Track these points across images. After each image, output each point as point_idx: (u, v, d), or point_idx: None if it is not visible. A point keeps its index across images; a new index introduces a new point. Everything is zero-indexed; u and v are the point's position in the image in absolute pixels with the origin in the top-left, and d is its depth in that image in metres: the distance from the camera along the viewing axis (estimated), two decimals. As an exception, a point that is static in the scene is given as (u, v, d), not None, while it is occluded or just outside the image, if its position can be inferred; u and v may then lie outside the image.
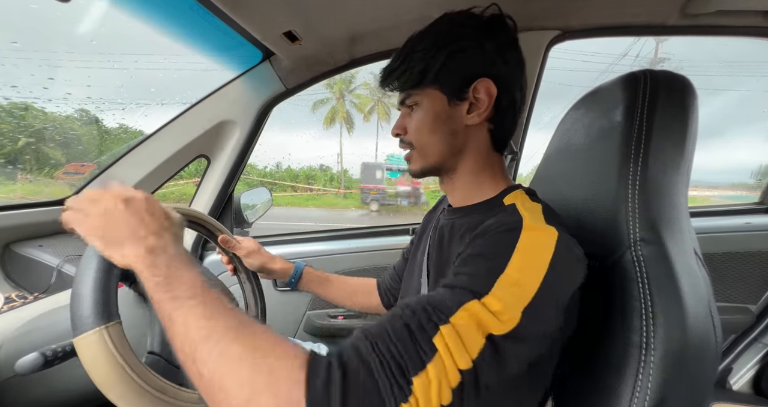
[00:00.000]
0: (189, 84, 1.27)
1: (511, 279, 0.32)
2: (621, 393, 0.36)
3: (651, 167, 0.41)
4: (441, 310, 0.31)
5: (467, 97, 0.46)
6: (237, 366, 0.27)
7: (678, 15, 0.81)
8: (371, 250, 1.08)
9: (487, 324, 0.30)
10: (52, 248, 0.76)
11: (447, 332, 0.29)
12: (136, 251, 0.35)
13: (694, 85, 0.44)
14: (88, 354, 0.32)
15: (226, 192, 1.03)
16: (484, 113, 0.46)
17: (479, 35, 0.45)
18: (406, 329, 0.30)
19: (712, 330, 0.36)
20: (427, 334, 0.29)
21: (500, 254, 0.34)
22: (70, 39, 1.06)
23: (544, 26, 0.86)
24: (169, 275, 0.34)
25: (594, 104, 0.52)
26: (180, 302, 0.32)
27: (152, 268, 0.34)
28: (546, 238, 0.35)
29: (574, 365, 0.42)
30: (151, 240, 0.36)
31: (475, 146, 0.49)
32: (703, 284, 0.38)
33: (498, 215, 0.42)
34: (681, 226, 0.41)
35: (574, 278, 0.36)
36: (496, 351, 0.29)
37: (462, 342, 0.29)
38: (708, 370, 0.37)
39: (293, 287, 0.75)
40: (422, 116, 0.48)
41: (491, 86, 0.45)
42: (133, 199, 0.39)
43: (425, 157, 0.50)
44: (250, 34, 0.74)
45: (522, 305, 0.31)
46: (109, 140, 1.46)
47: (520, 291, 0.32)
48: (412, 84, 0.47)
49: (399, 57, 0.49)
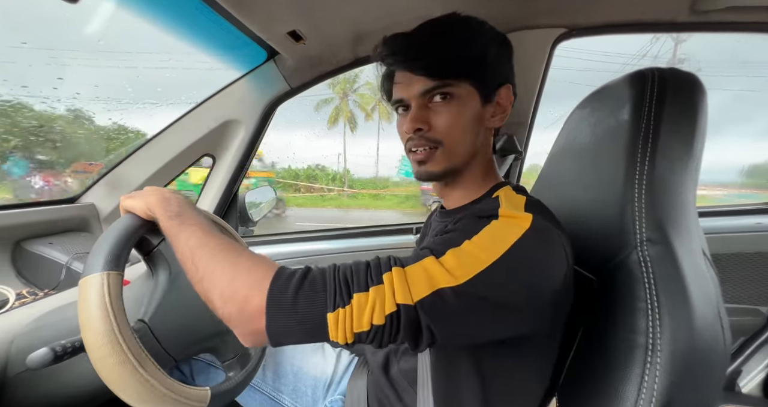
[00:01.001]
0: (195, 84, 1.28)
1: (472, 244, 0.36)
2: (626, 395, 0.35)
3: (658, 166, 0.40)
4: (401, 261, 0.36)
5: (493, 100, 0.47)
6: (223, 263, 0.36)
7: (688, 11, 0.80)
8: (375, 249, 1.09)
9: (439, 279, 0.34)
10: (62, 245, 0.78)
11: (396, 273, 0.34)
12: (155, 198, 0.44)
13: (702, 82, 0.43)
14: (83, 292, 0.37)
15: (231, 191, 1.03)
16: (505, 118, 0.48)
17: (502, 44, 0.48)
18: (366, 265, 0.36)
19: (720, 331, 0.36)
20: (380, 269, 0.35)
21: (469, 228, 0.38)
22: (77, 38, 1.08)
23: (549, 24, 0.85)
24: (180, 212, 0.43)
25: (600, 102, 0.52)
26: (185, 227, 0.41)
27: (166, 206, 0.43)
28: (518, 223, 0.37)
29: (579, 365, 0.42)
30: (168, 194, 0.46)
31: (485, 148, 0.50)
32: (711, 285, 0.38)
33: (481, 204, 0.45)
34: (689, 226, 0.40)
35: (546, 264, 0.36)
36: (443, 301, 0.33)
37: (408, 285, 0.33)
38: (716, 373, 0.36)
39: None
40: (458, 110, 0.44)
41: (510, 93, 0.48)
42: (156, 189, 0.49)
43: (452, 157, 0.46)
44: (255, 34, 0.75)
45: (477, 268, 0.34)
46: (117, 140, 1.48)
47: (478, 254, 0.35)
48: (447, 72, 0.43)
49: (420, 40, 0.44)
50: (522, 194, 0.45)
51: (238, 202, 1.08)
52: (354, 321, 0.32)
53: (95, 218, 0.92)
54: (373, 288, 0.33)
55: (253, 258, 0.37)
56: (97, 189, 0.93)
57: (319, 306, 0.33)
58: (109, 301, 0.36)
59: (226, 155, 0.99)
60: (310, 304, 0.33)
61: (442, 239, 0.38)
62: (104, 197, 0.93)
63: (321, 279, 0.34)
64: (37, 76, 1.15)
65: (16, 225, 0.77)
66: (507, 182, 0.51)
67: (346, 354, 0.77)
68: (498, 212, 0.39)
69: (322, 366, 0.73)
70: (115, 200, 0.93)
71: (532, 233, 0.36)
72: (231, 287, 0.34)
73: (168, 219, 0.42)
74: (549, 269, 0.36)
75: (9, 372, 0.47)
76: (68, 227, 0.86)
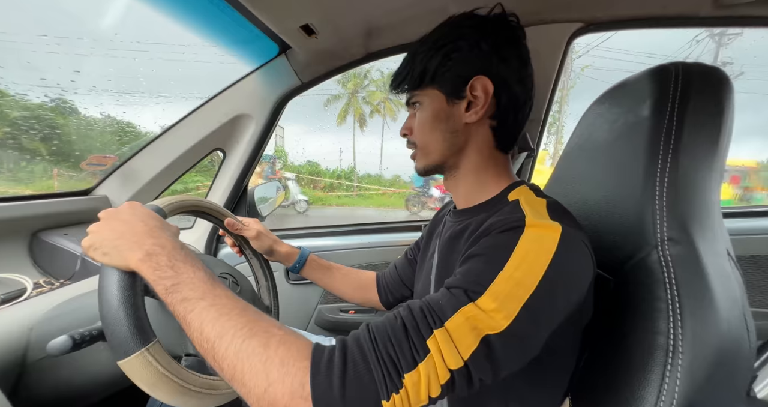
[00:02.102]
0: (207, 78, 1.28)
1: (507, 277, 0.33)
2: (645, 397, 0.34)
3: (682, 164, 0.39)
4: (437, 313, 0.33)
5: (465, 95, 0.46)
6: (251, 361, 0.31)
7: (711, 5, 0.77)
8: (383, 245, 1.09)
9: (482, 326, 0.32)
10: (77, 236, 0.79)
11: (440, 335, 0.31)
12: (134, 254, 0.36)
13: (729, 77, 0.42)
14: (135, 374, 0.34)
15: (241, 185, 1.04)
16: (482, 110, 0.46)
17: (476, 34, 0.46)
18: (404, 329, 0.32)
19: (746, 334, 0.35)
20: (422, 336, 0.32)
21: (499, 252, 0.35)
22: (93, 31, 1.08)
23: (566, 18, 0.83)
24: (175, 276, 0.35)
25: (620, 98, 0.50)
26: (192, 305, 0.34)
27: (156, 270, 0.35)
28: (549, 234, 0.35)
29: (595, 365, 0.41)
30: (147, 243, 0.37)
31: (477, 143, 0.49)
32: (736, 286, 0.37)
33: (501, 211, 0.43)
34: (713, 225, 0.39)
35: (578, 276, 0.36)
36: (491, 350, 0.32)
37: (454, 344, 0.31)
38: (740, 377, 0.35)
39: (296, 271, 0.76)
40: (423, 115, 0.50)
41: (488, 84, 0.45)
42: (115, 211, 0.42)
43: (427, 155, 0.51)
44: (267, 28, 0.75)
45: (518, 303, 0.32)
46: (132, 134, 1.50)
47: (516, 289, 0.33)
48: (414, 85, 0.49)
49: (405, 60, 0.51)
50: (541, 196, 0.45)
51: (248, 196, 1.09)
52: (411, 401, 0.30)
53: (109, 211, 0.93)
54: (422, 363, 0.31)
55: (282, 346, 0.31)
56: (110, 182, 0.95)
57: (371, 399, 0.30)
58: (164, 369, 0.35)
59: (237, 149, 1.00)
60: (360, 399, 0.30)
61: (472, 274, 0.35)
62: (117, 190, 0.95)
63: (363, 363, 0.31)
64: (52, 68, 1.17)
65: (34, 216, 0.78)
66: (522, 181, 0.50)
67: None
68: (525, 223, 0.37)
69: None
70: (128, 192, 0.95)
71: (564, 247, 0.34)
72: (268, 395, 0.30)
73: (166, 293, 0.34)
74: (581, 284, 0.36)
75: (29, 358, 0.48)
76: (83, 219, 0.88)
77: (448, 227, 0.54)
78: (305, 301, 1.08)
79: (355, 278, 0.79)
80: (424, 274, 0.60)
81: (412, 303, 0.35)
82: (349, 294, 0.78)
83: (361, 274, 0.80)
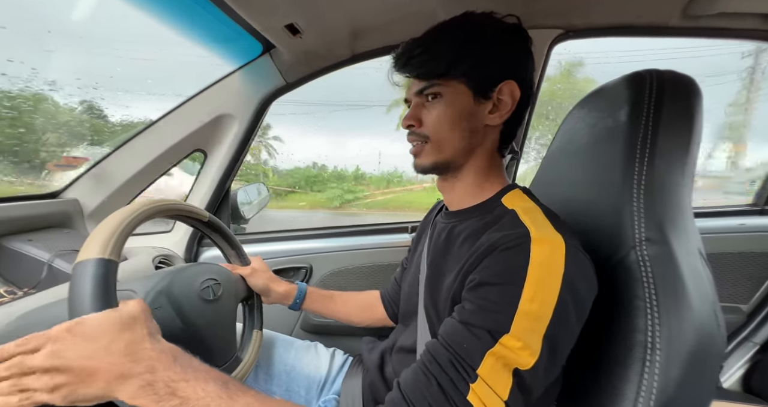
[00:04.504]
0: (186, 76, 1.24)
1: (527, 313, 0.33)
2: (625, 393, 0.36)
3: (657, 167, 0.41)
4: (467, 362, 0.33)
5: (492, 97, 0.46)
6: None
7: (680, 16, 0.81)
8: (369, 248, 1.08)
9: (512, 361, 0.33)
10: (43, 242, 0.74)
11: (478, 388, 0.32)
12: (132, 389, 0.30)
13: (699, 85, 0.44)
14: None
15: (223, 188, 1.01)
16: (506, 114, 0.47)
17: (507, 38, 0.47)
18: (441, 391, 0.33)
19: (717, 329, 0.37)
20: (461, 394, 0.32)
21: (512, 281, 0.35)
22: (61, 25, 1.02)
23: (547, 25, 0.86)
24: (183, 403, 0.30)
25: (599, 103, 0.52)
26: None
27: (163, 398, 0.30)
28: (555, 253, 0.35)
29: (578, 364, 0.42)
30: (127, 369, 0.30)
31: (486, 146, 0.49)
32: (707, 283, 0.38)
33: (501, 224, 0.42)
34: (686, 226, 0.41)
35: (587, 289, 0.37)
36: (524, 383, 0.33)
37: (493, 390, 0.32)
38: (713, 370, 0.37)
39: (297, 308, 0.73)
40: (445, 108, 0.47)
41: (515, 89, 0.46)
42: (70, 329, 0.31)
43: (439, 152, 0.48)
44: (251, 26, 0.73)
45: (540, 334, 0.33)
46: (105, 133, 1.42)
47: (536, 323, 0.33)
48: (439, 73, 0.46)
49: (422, 44, 0.47)
50: (533, 201, 0.46)
51: (230, 199, 1.06)
52: None
53: (79, 214, 0.88)
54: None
55: None
56: (81, 184, 0.90)
57: None
58: None
59: (219, 150, 0.97)
60: None
61: (490, 310, 0.35)
62: (89, 193, 0.90)
63: None
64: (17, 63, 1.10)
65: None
66: (515, 184, 0.50)
67: (340, 353, 0.77)
68: (530, 239, 0.36)
69: (315, 365, 0.72)
70: (100, 195, 0.90)
71: (570, 266, 0.35)
72: None
73: None
74: (589, 294, 0.37)
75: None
76: (50, 223, 0.83)
77: (440, 228, 0.54)
78: (290, 305, 1.06)
79: (358, 301, 0.78)
80: (412, 273, 0.60)
81: (436, 352, 0.35)
82: (356, 317, 0.76)
83: (361, 295, 0.79)
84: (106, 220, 0.41)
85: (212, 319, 0.54)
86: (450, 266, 0.46)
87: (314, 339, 0.82)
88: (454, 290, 0.42)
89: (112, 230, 0.39)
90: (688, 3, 0.78)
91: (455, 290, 0.41)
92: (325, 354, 0.74)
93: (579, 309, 0.36)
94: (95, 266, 0.35)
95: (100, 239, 0.38)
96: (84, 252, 0.37)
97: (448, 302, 0.43)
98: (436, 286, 0.48)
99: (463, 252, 0.44)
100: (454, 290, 0.42)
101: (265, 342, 0.73)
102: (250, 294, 0.68)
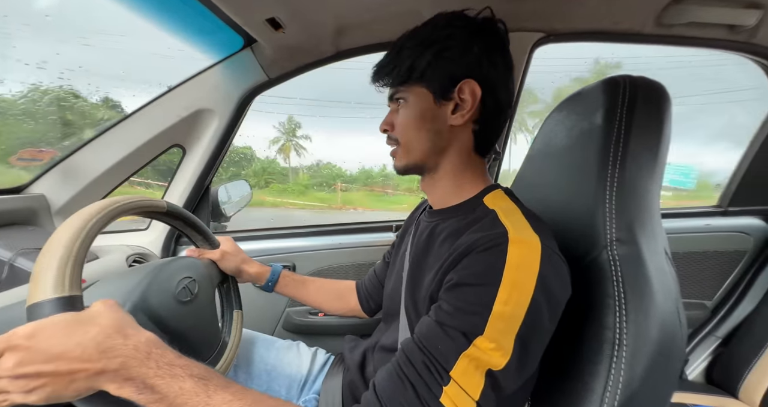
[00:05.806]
0: (162, 69, 1.19)
1: (500, 314, 0.34)
2: (594, 389, 0.37)
3: (628, 170, 0.42)
4: (441, 364, 0.34)
5: (453, 97, 0.46)
6: None
7: (653, 24, 0.85)
8: (353, 246, 1.07)
9: (485, 363, 0.34)
10: (4, 240, 0.70)
11: (451, 390, 0.33)
12: (119, 382, 0.31)
13: (668, 91, 0.46)
14: None
15: (203, 185, 0.98)
16: (468, 113, 0.46)
17: (468, 36, 0.46)
18: (414, 394, 0.34)
19: (679, 326, 0.38)
20: (434, 396, 0.33)
21: (489, 282, 0.35)
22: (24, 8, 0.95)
23: (529, 28, 0.87)
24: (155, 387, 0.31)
25: (576, 106, 0.53)
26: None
27: (142, 392, 0.31)
28: (531, 254, 0.36)
29: (551, 362, 0.43)
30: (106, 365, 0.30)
31: (458, 146, 0.49)
32: (672, 282, 0.40)
33: (481, 224, 0.42)
34: (653, 227, 0.42)
35: (560, 290, 0.37)
36: (497, 382, 0.34)
37: (465, 391, 0.33)
38: (675, 364, 0.39)
39: (269, 290, 0.73)
40: (408, 112, 0.49)
41: (476, 88, 0.45)
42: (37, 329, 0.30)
43: (409, 154, 0.50)
44: (231, 19, 0.71)
45: (512, 335, 0.34)
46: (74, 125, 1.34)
47: (509, 324, 0.34)
48: (400, 80, 0.48)
49: (390, 54, 0.49)
50: (514, 201, 0.46)
51: (210, 196, 1.03)
52: None
53: (45, 211, 0.84)
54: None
55: None
56: (48, 178, 0.85)
57: None
58: None
59: (198, 146, 0.94)
60: None
61: (466, 311, 0.35)
62: (56, 188, 0.85)
63: None
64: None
65: (-51, 217, 0.68)
66: (497, 185, 0.51)
67: (322, 352, 0.76)
68: (507, 239, 0.37)
69: (297, 364, 0.71)
70: (69, 191, 0.85)
71: (545, 267, 0.35)
72: None
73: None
74: (563, 293, 0.38)
75: None
76: (13, 220, 0.78)
77: (423, 227, 0.55)
78: (273, 305, 1.04)
79: (332, 289, 0.77)
80: (396, 272, 0.60)
81: (411, 353, 0.36)
82: (328, 305, 0.76)
83: (338, 284, 0.78)
84: (53, 240, 0.34)
85: (194, 319, 0.53)
86: (430, 265, 0.47)
87: (297, 338, 0.81)
88: (432, 289, 0.42)
89: (64, 255, 0.32)
90: (661, 11, 0.81)
91: (433, 288, 0.42)
92: (306, 354, 0.74)
93: (552, 310, 0.36)
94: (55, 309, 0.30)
95: (53, 269, 0.31)
96: (36, 290, 0.31)
97: (426, 301, 0.43)
98: (417, 284, 0.48)
99: (443, 251, 0.45)
100: (432, 289, 0.42)
101: (246, 341, 0.72)
102: (224, 278, 0.67)
